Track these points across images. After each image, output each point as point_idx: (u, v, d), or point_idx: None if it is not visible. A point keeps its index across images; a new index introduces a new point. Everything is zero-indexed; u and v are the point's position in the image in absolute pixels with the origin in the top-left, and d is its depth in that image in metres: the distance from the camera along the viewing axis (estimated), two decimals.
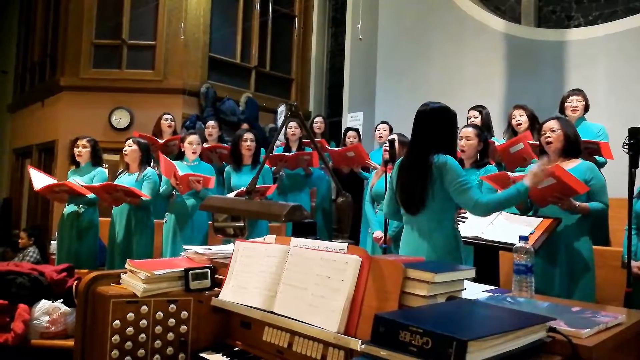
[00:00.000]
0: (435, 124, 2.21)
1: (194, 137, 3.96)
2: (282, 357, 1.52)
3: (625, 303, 2.14)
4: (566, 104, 3.76)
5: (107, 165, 4.39)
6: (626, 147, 2.26)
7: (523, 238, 1.52)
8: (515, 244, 2.38)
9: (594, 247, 2.65)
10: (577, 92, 3.76)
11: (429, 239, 2.12)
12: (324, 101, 8.48)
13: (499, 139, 4.15)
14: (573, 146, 2.69)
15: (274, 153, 4.63)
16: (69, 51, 6.67)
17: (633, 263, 2.41)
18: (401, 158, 2.39)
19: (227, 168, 4.20)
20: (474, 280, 1.43)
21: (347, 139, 5.07)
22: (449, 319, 0.96)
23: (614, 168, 3.04)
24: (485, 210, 2.11)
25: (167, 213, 3.81)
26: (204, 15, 6.80)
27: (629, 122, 3.28)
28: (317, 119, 5.37)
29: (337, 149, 4.78)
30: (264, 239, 1.68)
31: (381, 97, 6.39)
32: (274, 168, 4.47)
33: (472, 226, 2.53)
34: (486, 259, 2.70)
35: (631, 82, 4.24)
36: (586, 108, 3.77)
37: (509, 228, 2.50)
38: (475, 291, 1.48)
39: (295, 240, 1.57)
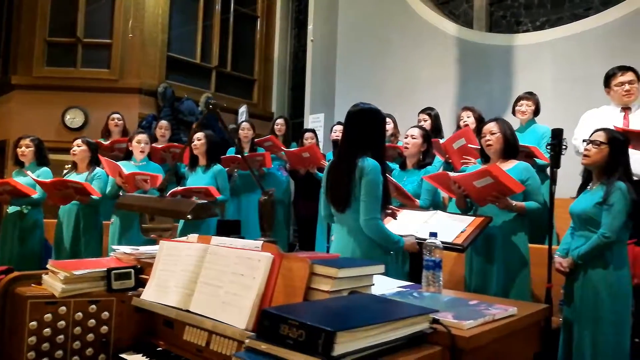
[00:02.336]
0: (363, 124, 2.23)
1: (142, 136, 3.91)
2: (201, 355, 1.53)
3: (545, 299, 2.24)
4: (517, 108, 3.89)
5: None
6: (549, 147, 2.36)
7: (433, 234, 1.58)
8: (449, 242, 2.48)
9: (531, 245, 2.76)
10: (528, 95, 3.88)
11: (355, 237, 2.16)
12: (287, 102, 8.49)
13: None
14: (511, 148, 2.79)
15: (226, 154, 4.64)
16: (21, 49, 6.49)
17: (557, 259, 2.51)
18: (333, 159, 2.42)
19: (184, 168, 4.19)
20: (410, 277, 1.47)
21: (304, 140, 5.11)
22: (329, 312, 1.00)
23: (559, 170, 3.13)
24: (372, 230, 2.14)
25: (113, 214, 3.75)
26: (163, 14, 6.72)
27: (574, 125, 3.43)
28: (278, 120, 5.39)
29: (292, 149, 4.81)
30: (187, 238, 1.68)
31: (341, 99, 6.46)
32: (227, 169, 4.46)
33: (407, 225, 2.59)
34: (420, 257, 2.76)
35: (576, 85, 4.40)
36: (536, 111, 3.90)
37: (443, 226, 2.57)
38: (389, 287, 1.52)
39: (215, 239, 1.59)
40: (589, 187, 2.54)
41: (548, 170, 3.65)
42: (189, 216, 1.31)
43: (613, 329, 2.38)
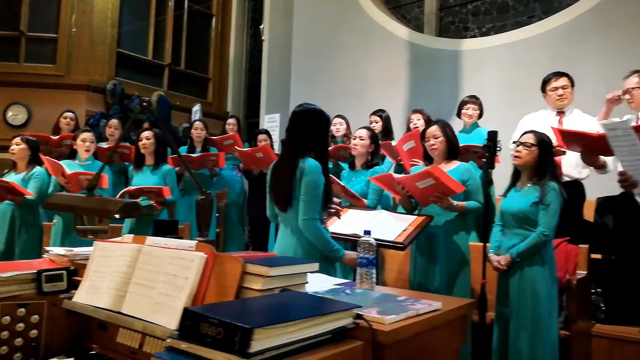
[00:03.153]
0: (307, 125, 2.25)
1: (87, 135, 3.80)
2: (135, 358, 1.50)
3: (480, 294, 2.33)
4: (462, 111, 4.03)
5: None
6: (484, 149, 2.46)
7: (367, 232, 1.61)
8: (390, 241, 2.54)
9: (470, 243, 2.86)
10: (473, 99, 4.03)
11: (297, 236, 2.18)
12: (242, 102, 8.43)
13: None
14: (453, 149, 2.89)
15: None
16: None
17: (493, 257, 2.62)
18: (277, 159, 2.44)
19: (130, 168, 4.08)
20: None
21: (258, 142, 5.09)
22: (251, 309, 1.01)
23: (502, 170, 3.26)
24: (309, 231, 2.15)
25: (56, 215, 3.62)
26: (112, 9, 6.54)
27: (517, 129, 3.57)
28: (229, 120, 5.36)
29: (245, 149, 4.78)
30: (122, 239, 1.65)
31: (296, 99, 6.47)
32: (177, 168, 4.39)
33: (351, 223, 2.64)
34: None
35: (518, 89, 4.58)
36: (480, 114, 4.05)
37: (386, 225, 2.64)
38: (325, 285, 1.55)
39: (150, 239, 1.56)
40: (517, 186, 2.66)
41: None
42: (116, 215, 1.29)
43: (549, 323, 2.51)
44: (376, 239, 2.51)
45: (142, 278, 1.48)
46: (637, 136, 1.90)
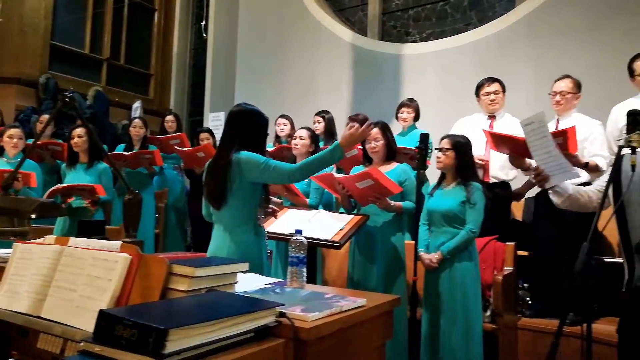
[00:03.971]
0: (243, 125, 2.24)
1: (14, 131, 3.60)
2: None
3: (412, 290, 2.41)
4: (399, 114, 4.15)
5: None
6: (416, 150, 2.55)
7: (298, 231, 1.63)
8: (327, 240, 2.58)
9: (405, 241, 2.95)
10: (409, 102, 4.15)
11: (231, 235, 2.16)
12: (186, 99, 8.25)
13: None
14: (392, 151, 2.97)
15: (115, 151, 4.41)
16: None
17: (425, 255, 2.72)
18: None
19: (63, 166, 3.90)
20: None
21: (200, 140, 5.01)
22: (169, 310, 1.00)
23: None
24: (302, 174, 2.16)
25: None
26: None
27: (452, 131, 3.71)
28: (167, 117, 5.23)
29: (186, 149, 4.69)
30: (44, 240, 1.58)
31: (241, 98, 6.39)
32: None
33: (290, 223, 2.66)
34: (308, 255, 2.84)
35: (455, 93, 4.76)
36: (417, 117, 4.18)
37: (324, 224, 2.68)
38: (256, 284, 1.55)
39: (73, 240, 1.51)
40: (442, 187, 2.79)
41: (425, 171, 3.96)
42: (32, 215, 1.24)
43: (475, 316, 2.64)
44: (313, 238, 2.58)
45: (63, 280, 1.42)
46: (550, 133, 2.02)
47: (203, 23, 5.48)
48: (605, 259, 3.14)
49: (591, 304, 2.99)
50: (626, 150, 1.67)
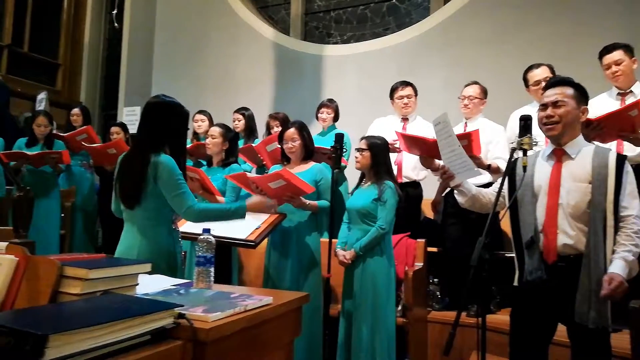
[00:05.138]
0: (162, 119, 2.11)
1: None
2: None
3: (325, 287, 2.45)
4: (319, 114, 4.20)
5: None
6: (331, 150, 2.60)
7: (206, 230, 1.60)
8: (242, 239, 2.54)
9: (322, 239, 2.98)
10: (328, 103, 4.20)
11: (143, 235, 2.05)
12: (99, 92, 7.79)
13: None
14: (309, 151, 2.99)
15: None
16: None
17: (340, 252, 2.78)
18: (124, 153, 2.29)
19: None
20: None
21: (110, 135, 4.75)
22: (53, 315, 0.94)
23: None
24: (196, 217, 2.06)
25: None
26: None
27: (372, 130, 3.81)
28: (74, 110, 4.91)
29: (95, 145, 4.42)
30: None
31: (157, 92, 6.10)
32: (13, 163, 3.91)
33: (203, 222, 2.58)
34: (220, 255, 2.79)
35: (373, 95, 4.88)
36: (336, 117, 4.24)
37: (240, 223, 2.63)
38: (160, 285, 1.50)
39: None
40: (361, 185, 2.88)
41: (345, 171, 4.05)
42: None
43: (387, 311, 2.73)
44: (228, 238, 2.53)
45: None
46: (455, 134, 2.13)
47: (115, 12, 5.17)
48: (507, 254, 3.38)
49: (488, 296, 3.22)
50: (519, 153, 1.80)
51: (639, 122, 2.44)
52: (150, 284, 1.48)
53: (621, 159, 1.88)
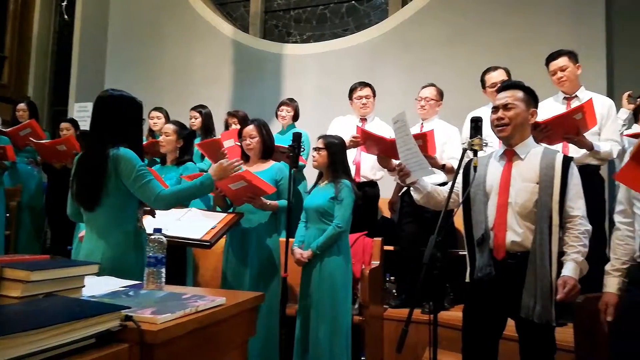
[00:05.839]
0: (115, 113, 2.02)
1: None
2: None
3: (282, 286, 2.44)
4: (278, 113, 4.18)
5: None
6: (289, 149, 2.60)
7: (157, 230, 1.56)
8: (197, 239, 2.50)
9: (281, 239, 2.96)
10: (288, 102, 4.19)
11: (106, 237, 1.95)
12: (48, 86, 7.46)
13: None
14: (269, 149, 2.97)
15: None
16: None
17: (297, 251, 2.77)
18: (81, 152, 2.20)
19: None
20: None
21: (60, 132, 4.57)
22: None
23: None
24: (167, 203, 2.01)
25: None
26: None
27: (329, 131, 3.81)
28: (20, 104, 4.70)
29: (43, 141, 4.24)
30: None
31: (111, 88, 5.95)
32: None
33: (158, 222, 2.52)
34: (174, 255, 2.73)
35: (332, 94, 4.89)
36: (296, 116, 4.23)
37: (195, 223, 2.59)
38: (109, 287, 1.45)
39: None
40: (319, 184, 2.89)
41: (304, 170, 4.05)
42: None
43: (344, 310, 2.74)
44: (183, 238, 2.48)
45: None
46: (412, 133, 2.17)
47: (65, 3, 4.96)
48: (461, 252, 3.47)
49: (441, 293, 3.30)
50: (469, 154, 1.85)
51: (583, 125, 2.56)
52: (99, 286, 1.43)
53: (567, 160, 1.96)
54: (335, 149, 2.84)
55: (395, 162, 3.25)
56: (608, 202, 3.27)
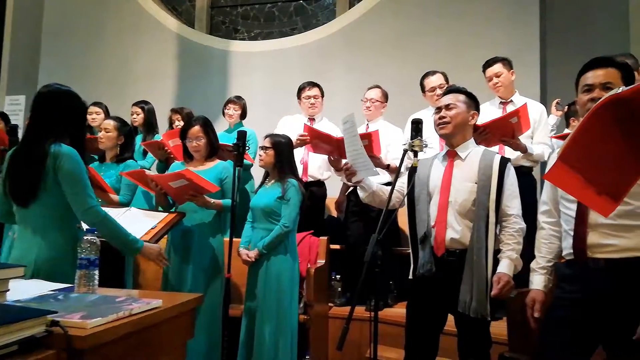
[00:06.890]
0: (57, 108, 1.93)
1: None
2: None
3: (225, 286, 2.40)
4: (225, 111, 4.10)
5: None
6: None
7: (90, 230, 1.48)
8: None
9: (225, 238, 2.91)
10: (236, 100, 4.12)
11: (43, 237, 1.83)
12: None
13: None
14: (213, 149, 2.91)
15: None
16: None
17: (243, 251, 2.74)
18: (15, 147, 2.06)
19: None
20: None
21: None
22: None
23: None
24: (94, 221, 1.86)
25: None
26: None
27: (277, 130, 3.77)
28: None
29: None
30: None
31: (45, 81, 5.59)
32: None
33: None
34: (111, 257, 2.62)
35: (280, 93, 4.87)
36: (243, 114, 4.17)
37: (135, 223, 2.49)
38: (37, 291, 1.37)
39: None
40: (266, 184, 2.87)
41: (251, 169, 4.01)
42: None
43: (290, 309, 2.73)
44: None
45: None
46: (358, 132, 2.20)
47: None
48: (405, 250, 3.54)
49: (385, 290, 3.37)
50: (410, 154, 1.90)
51: (518, 129, 2.69)
52: (26, 290, 1.34)
53: (505, 161, 2.05)
54: (282, 148, 2.83)
55: (344, 161, 3.30)
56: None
